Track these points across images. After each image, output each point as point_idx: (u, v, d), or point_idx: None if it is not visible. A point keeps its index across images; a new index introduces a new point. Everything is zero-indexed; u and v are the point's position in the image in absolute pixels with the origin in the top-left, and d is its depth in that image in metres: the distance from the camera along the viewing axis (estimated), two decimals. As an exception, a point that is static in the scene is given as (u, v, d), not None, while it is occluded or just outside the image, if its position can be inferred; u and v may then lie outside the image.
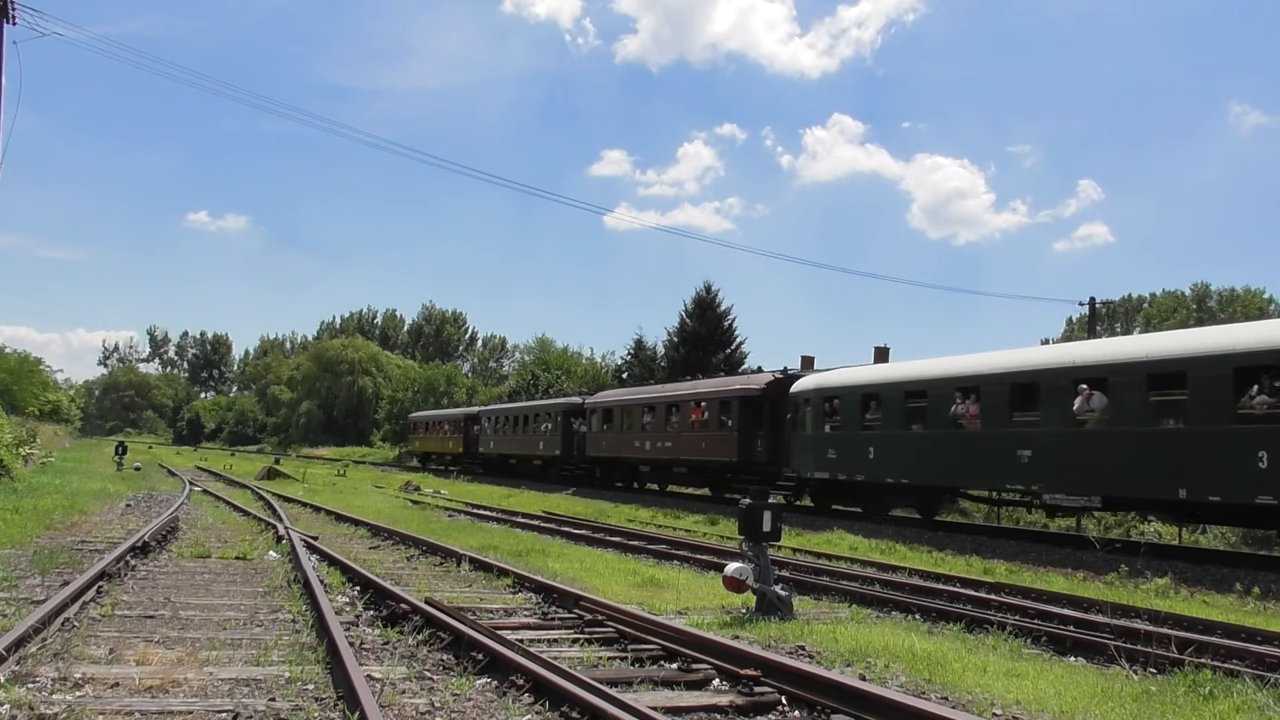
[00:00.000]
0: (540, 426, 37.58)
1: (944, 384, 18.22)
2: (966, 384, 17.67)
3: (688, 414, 27.11)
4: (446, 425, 49.63)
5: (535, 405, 40.23)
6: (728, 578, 9.16)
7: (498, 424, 42.54)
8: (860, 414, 20.08)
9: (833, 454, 20.76)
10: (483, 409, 46.28)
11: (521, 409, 40.98)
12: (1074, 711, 5.97)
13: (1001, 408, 16.68)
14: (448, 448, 48.74)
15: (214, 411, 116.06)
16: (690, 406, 27.10)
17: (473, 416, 46.66)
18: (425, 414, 57.40)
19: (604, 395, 34.50)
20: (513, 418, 40.90)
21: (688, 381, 29.92)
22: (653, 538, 17.46)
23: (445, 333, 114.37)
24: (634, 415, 30.51)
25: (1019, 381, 16.52)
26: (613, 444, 31.89)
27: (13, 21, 19.46)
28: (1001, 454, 16.42)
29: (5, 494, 19.62)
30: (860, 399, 20.18)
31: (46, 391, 56.30)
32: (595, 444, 33.29)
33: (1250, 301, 54.94)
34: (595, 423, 33.30)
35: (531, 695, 5.80)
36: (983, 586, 12.00)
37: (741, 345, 46.15)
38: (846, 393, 20.69)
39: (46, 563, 10.61)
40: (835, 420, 20.94)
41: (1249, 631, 8.95)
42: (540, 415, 38.08)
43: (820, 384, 21.82)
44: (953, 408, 17.73)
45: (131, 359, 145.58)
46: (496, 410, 44.36)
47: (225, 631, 7.54)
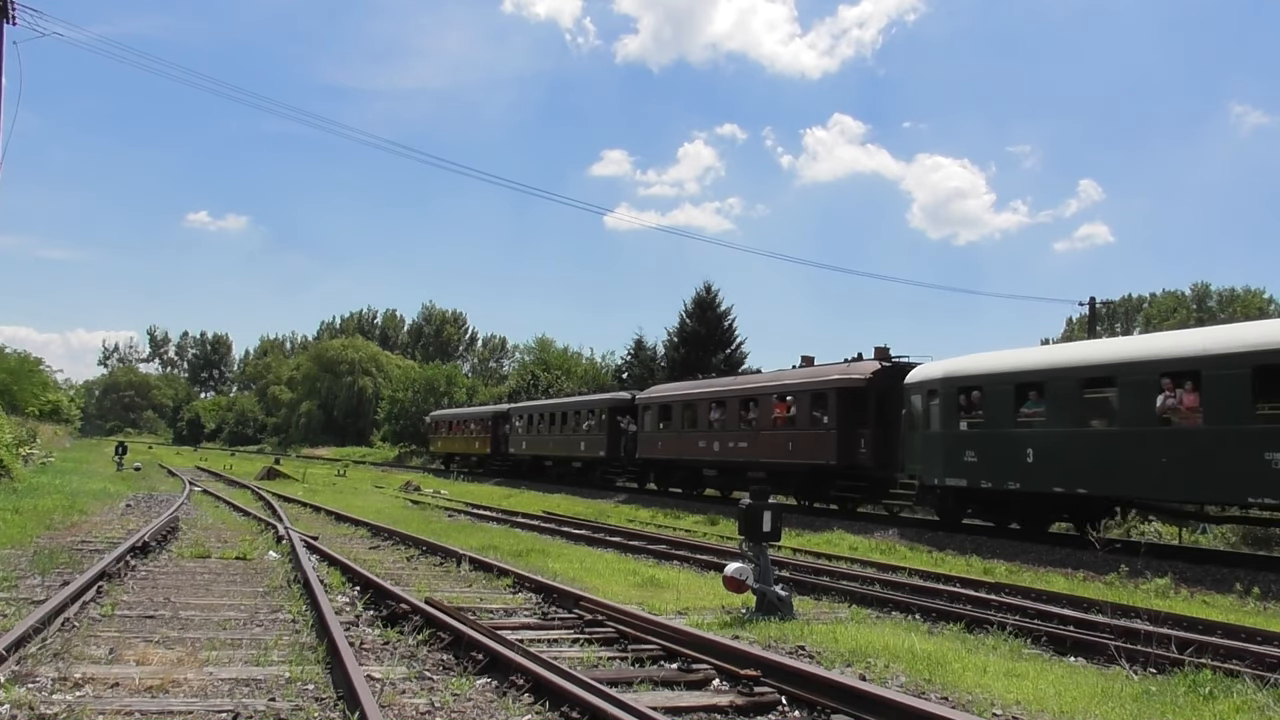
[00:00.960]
0: (581, 425, 33.98)
1: (1142, 369, 14.49)
2: (1179, 368, 14.03)
3: (769, 409, 23.53)
4: (472, 424, 45.96)
5: (576, 401, 36.13)
6: (728, 578, 9.16)
7: (531, 422, 38.81)
8: (1013, 408, 16.61)
9: (972, 456, 17.27)
10: (513, 406, 42.72)
11: (559, 405, 37.15)
12: (1074, 711, 5.97)
13: (1238, 398, 13.08)
14: (473, 449, 45.29)
15: (214, 412, 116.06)
16: (772, 401, 23.44)
17: (502, 415, 42.88)
18: (448, 412, 53.53)
19: (660, 389, 30.34)
20: (548, 415, 37.32)
21: (768, 372, 25.83)
22: (653, 538, 17.46)
23: (445, 333, 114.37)
24: (698, 411, 26.83)
25: (1266, 364, 12.86)
26: (671, 444, 28.19)
27: (13, 21, 19.46)
28: (1240, 458, 12.90)
29: (5, 494, 19.62)
30: (1013, 390, 16.71)
31: (46, 391, 56.28)
32: (648, 444, 29.55)
33: (1250, 301, 54.96)
34: (649, 420, 29.54)
35: (531, 695, 5.80)
36: (983, 586, 12.00)
37: (741, 345, 46.16)
38: (992, 382, 17.17)
39: (46, 563, 10.61)
40: (975, 415, 17.54)
41: (1249, 631, 8.96)
42: (582, 412, 34.34)
43: (952, 371, 18.34)
44: (1159, 399, 14.17)
45: (131, 359, 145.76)
46: (530, 407, 40.41)
47: (225, 631, 7.54)
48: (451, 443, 49.19)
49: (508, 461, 41.79)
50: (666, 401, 28.89)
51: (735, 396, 25.21)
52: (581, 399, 36.01)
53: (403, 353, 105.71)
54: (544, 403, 40.46)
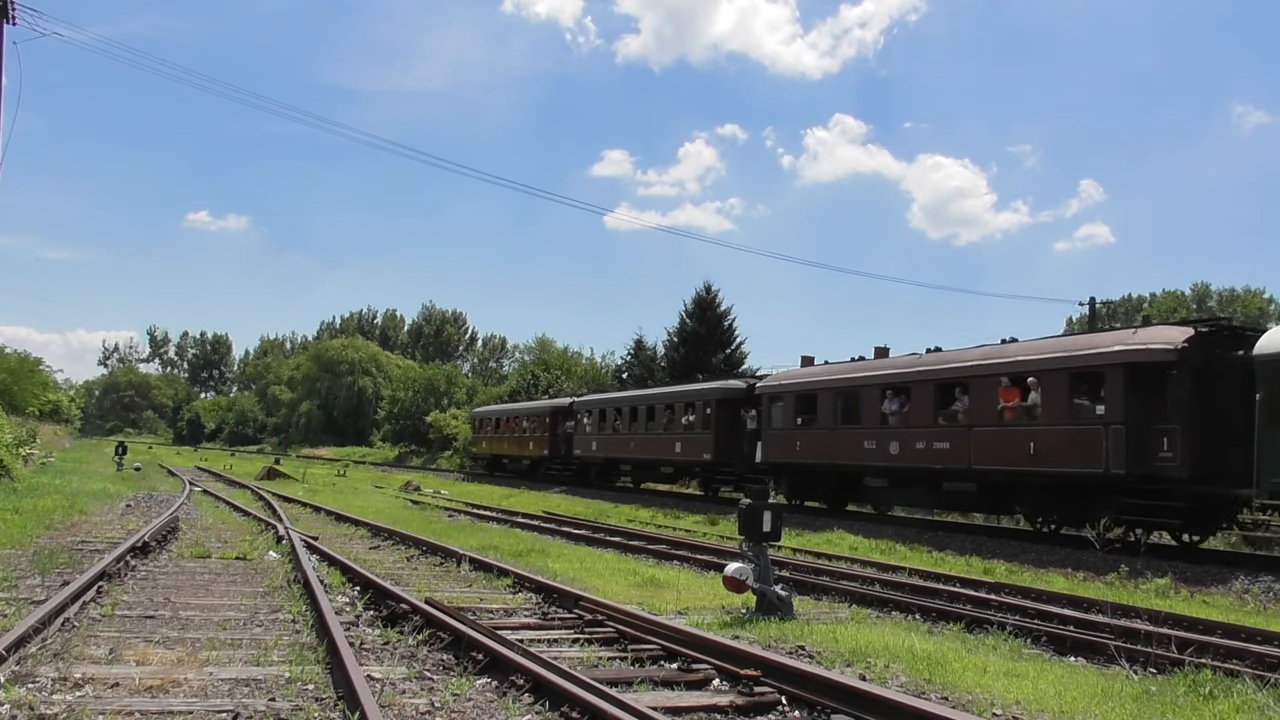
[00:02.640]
0: (678, 420, 27.96)
1: None
2: None
3: (989, 397, 17.30)
4: (525, 422, 40.01)
5: (671, 392, 30.09)
6: (728, 578, 9.16)
7: (604, 418, 32.91)
8: None
9: None
10: (580, 399, 36.63)
11: (647, 397, 31.09)
12: (1074, 711, 5.97)
13: None
14: (526, 450, 39.65)
15: (214, 412, 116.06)
16: (997, 385, 17.14)
17: (562, 410, 37.07)
18: (493, 408, 46.86)
19: (797, 374, 23.76)
20: (629, 410, 31.22)
21: (986, 347, 18.63)
22: (653, 538, 17.46)
23: (445, 333, 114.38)
24: (861, 401, 20.66)
25: None
26: (816, 445, 21.77)
27: (13, 22, 19.45)
28: None
29: (5, 494, 19.62)
30: None
31: (46, 391, 56.26)
32: (780, 444, 22.97)
33: (1250, 301, 54.96)
34: (779, 414, 23.27)
35: (531, 695, 5.80)
36: (983, 586, 12.01)
37: (741, 345, 46.12)
38: None
39: (46, 563, 10.60)
40: None
41: (1249, 631, 8.96)
42: (677, 406, 28.29)
43: None
44: None
45: (131, 359, 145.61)
46: (604, 400, 34.15)
47: (225, 631, 7.54)
48: (498, 443, 43.23)
49: (571, 465, 35.95)
50: (808, 389, 22.40)
51: (929, 380, 18.89)
52: (680, 389, 29.69)
53: (403, 353, 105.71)
54: (623, 394, 34.08)
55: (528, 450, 39.57)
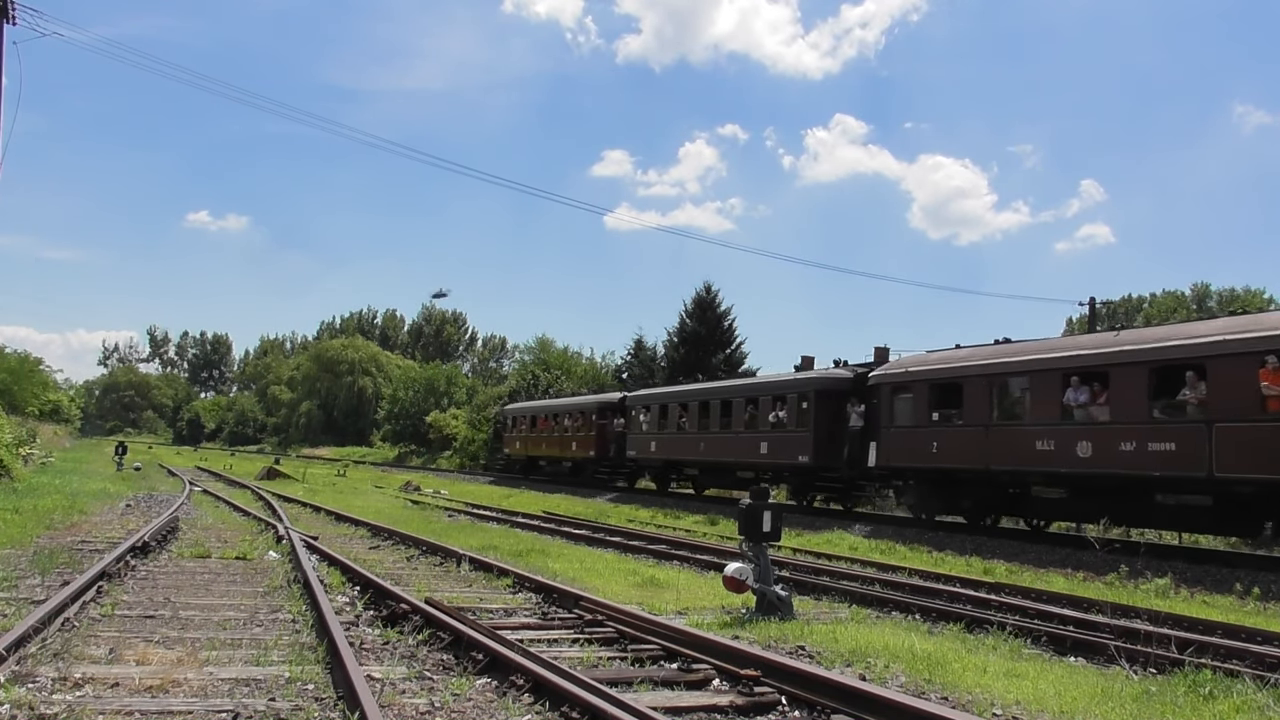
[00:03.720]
0: (768, 416, 23.58)
1: None
2: None
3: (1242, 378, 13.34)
4: (566, 419, 36.06)
5: (753, 384, 25.77)
6: (728, 578, 9.16)
7: (664, 415, 28.96)
8: None
9: None
10: (631, 393, 32.84)
11: (723, 390, 26.81)
12: (1074, 711, 5.97)
13: None
14: (568, 451, 35.60)
15: (214, 411, 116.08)
16: (1258, 365, 13.20)
17: (610, 405, 33.31)
18: (530, 405, 42.60)
19: (931, 359, 19.36)
20: (699, 405, 27.10)
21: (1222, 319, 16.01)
22: (653, 538, 17.46)
23: (445, 333, 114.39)
24: (1029, 391, 16.77)
25: None
26: (960, 445, 17.60)
27: (13, 22, 19.46)
28: None
29: (5, 494, 19.62)
30: None
31: (46, 391, 56.33)
32: (911, 446, 18.70)
33: (1250, 302, 54.96)
34: (904, 407, 19.10)
35: (531, 695, 5.80)
36: (983, 586, 12.01)
37: (741, 345, 46.15)
38: None
39: (46, 563, 10.60)
40: None
41: (1249, 631, 8.96)
42: (763, 400, 24.04)
43: None
44: None
45: (131, 359, 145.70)
46: (665, 395, 30.11)
47: (225, 631, 7.54)
48: (534, 444, 39.19)
49: (623, 468, 32.67)
50: (950, 377, 18.18)
51: (1142, 363, 14.73)
52: (767, 380, 25.50)
53: (403, 353, 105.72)
54: (691, 387, 29.70)
55: (569, 451, 35.56)
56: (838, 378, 22.37)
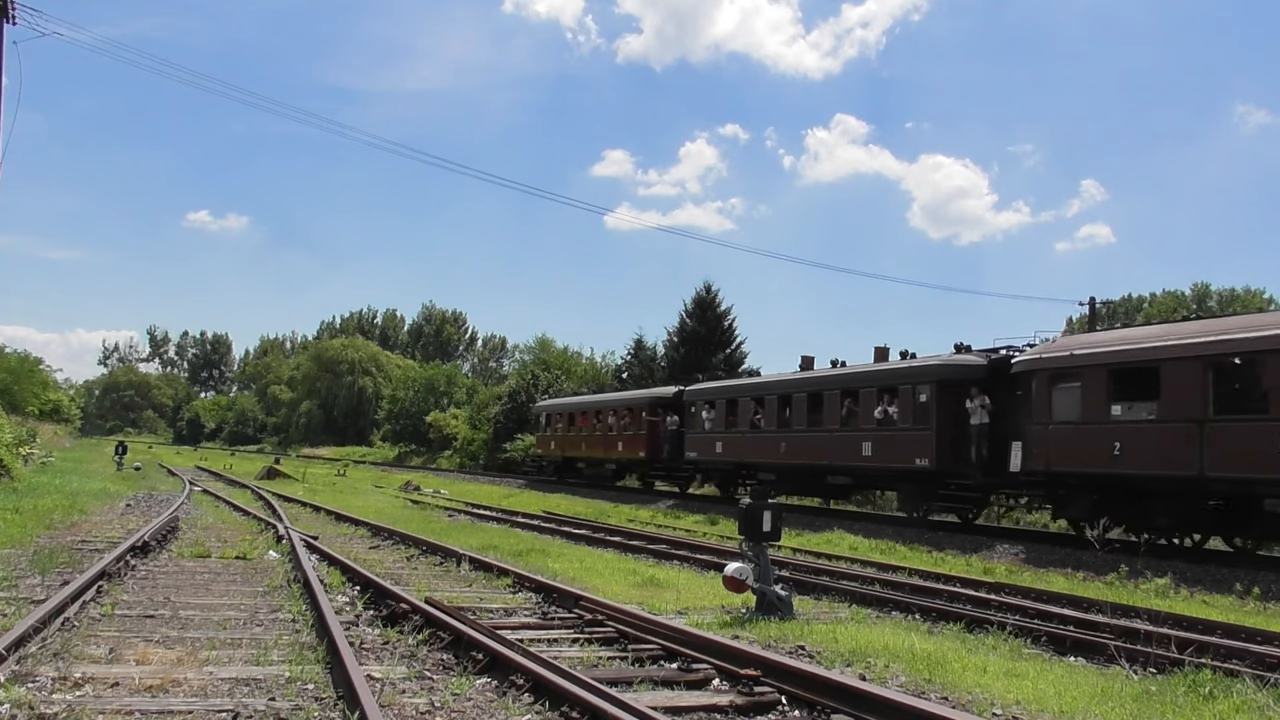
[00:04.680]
0: (874, 411, 20.17)
1: None
2: None
3: None
4: (610, 416, 32.64)
5: (854, 374, 21.89)
6: (728, 578, 9.16)
7: (735, 411, 25.50)
8: None
9: None
10: (690, 387, 29.27)
11: (812, 381, 23.10)
12: (1074, 711, 5.97)
13: None
14: (613, 452, 32.18)
15: (214, 411, 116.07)
16: None
17: (662, 401, 29.87)
18: (568, 400, 39.03)
19: (1104, 340, 16.12)
20: (780, 399, 23.65)
21: None
22: (653, 538, 17.46)
23: (445, 333, 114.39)
24: (1243, 380, 13.79)
25: None
26: (1155, 444, 14.44)
27: (13, 21, 19.46)
28: None
29: (5, 494, 19.61)
30: None
31: (46, 391, 56.28)
32: (1074, 446, 15.61)
33: (1250, 302, 54.97)
34: (1065, 400, 15.83)
35: (531, 695, 5.80)
36: (983, 586, 12.01)
37: (741, 345, 46.13)
38: None
39: (46, 562, 10.61)
40: None
41: (1249, 631, 8.96)
42: (865, 393, 20.66)
43: None
44: None
45: (131, 359, 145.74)
46: (735, 389, 26.28)
47: (225, 631, 7.54)
48: (571, 443, 35.79)
49: (681, 471, 29.51)
50: (1143, 360, 14.69)
51: None
52: (873, 369, 21.58)
53: (403, 353, 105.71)
54: (770, 379, 25.85)
55: (615, 452, 32.12)
56: (967, 365, 18.84)
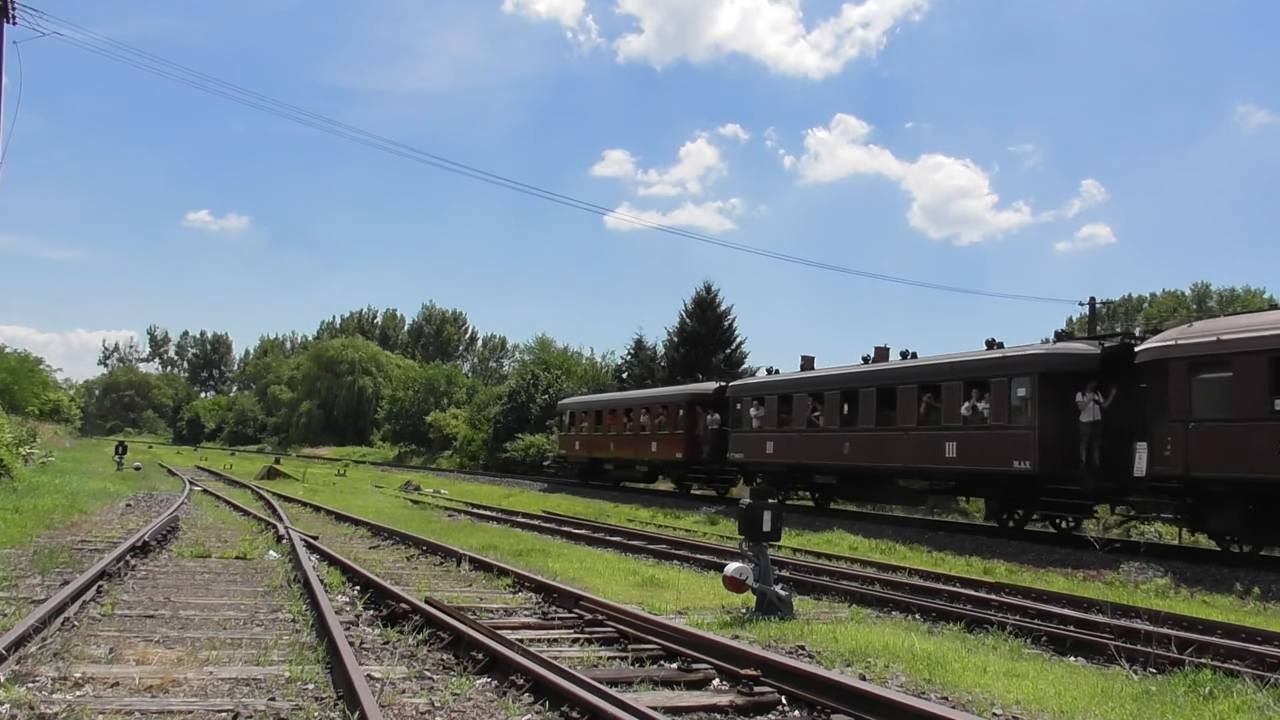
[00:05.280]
0: (960, 407, 18.08)
1: None
2: None
3: None
4: (643, 415, 30.52)
5: (933, 366, 19.62)
6: (728, 578, 9.16)
7: (789, 408, 23.23)
8: None
9: None
10: (734, 383, 27.41)
11: (882, 374, 20.94)
12: (1074, 711, 5.97)
13: None
14: (646, 452, 30.14)
15: (214, 411, 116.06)
16: None
17: (702, 397, 27.91)
18: (595, 398, 36.74)
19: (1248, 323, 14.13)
20: (842, 394, 21.69)
21: None
22: (653, 538, 17.46)
23: (445, 333, 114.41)
24: None
25: None
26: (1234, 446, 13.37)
27: (13, 21, 19.46)
28: None
29: (5, 494, 19.61)
30: None
31: (46, 391, 56.28)
32: (1209, 449, 13.73)
33: (1250, 301, 55.00)
34: (1216, 393, 13.76)
35: (531, 695, 5.80)
36: (983, 586, 12.01)
37: (741, 345, 46.15)
38: None
39: (46, 562, 10.61)
40: None
41: (1249, 631, 8.96)
42: (948, 387, 18.62)
43: None
44: None
45: (131, 359, 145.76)
46: (788, 383, 24.01)
47: (225, 631, 7.54)
48: (598, 444, 33.54)
49: (723, 474, 27.72)
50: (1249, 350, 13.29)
51: None
52: (957, 359, 19.17)
53: (403, 353, 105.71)
54: (827, 372, 23.29)
55: (648, 453, 30.03)
56: (1077, 354, 16.67)
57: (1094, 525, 18.72)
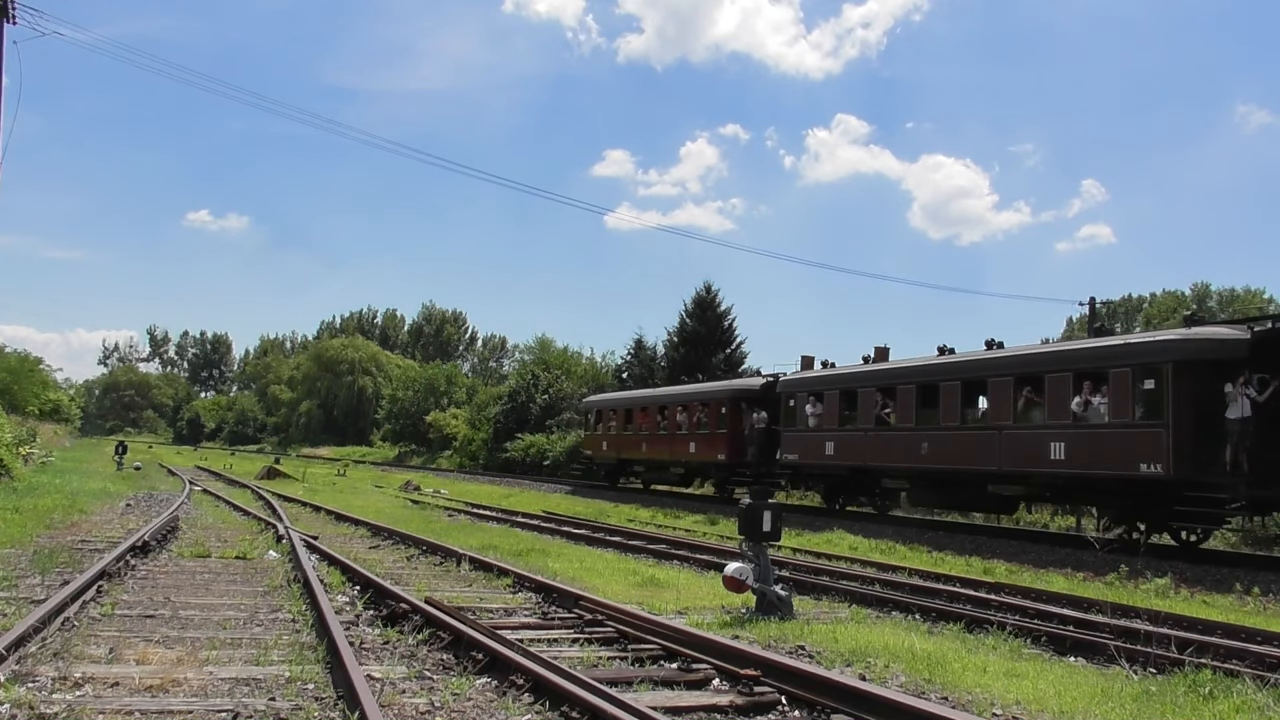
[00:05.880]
0: (1071, 402, 15.78)
1: None
2: None
3: None
4: (679, 413, 28.33)
5: (1035, 354, 17.61)
6: (728, 578, 9.16)
7: (852, 404, 21.15)
8: None
9: None
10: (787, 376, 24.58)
11: (967, 365, 18.53)
12: (1074, 711, 5.97)
13: None
14: (683, 453, 27.95)
15: (214, 411, 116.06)
16: None
17: (747, 394, 25.83)
18: (623, 395, 35.02)
19: None
20: (919, 388, 19.36)
21: None
22: (653, 537, 17.46)
23: (445, 333, 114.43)
24: None
25: None
26: None
27: (13, 21, 19.48)
28: None
29: (5, 493, 19.61)
30: None
31: (46, 391, 56.28)
32: None
33: (1250, 301, 54.98)
34: None
35: (531, 695, 5.80)
36: (983, 586, 12.01)
37: (741, 345, 46.10)
38: None
39: (46, 562, 10.61)
40: None
41: (1249, 631, 8.96)
42: (1055, 379, 16.18)
43: None
44: None
45: (131, 359, 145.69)
46: (855, 376, 21.75)
47: (225, 631, 7.54)
48: (628, 444, 31.17)
49: (771, 477, 24.53)
50: None
51: None
52: (1066, 348, 17.40)
53: (403, 353, 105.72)
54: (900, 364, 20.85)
55: (685, 454, 27.90)
56: (1221, 340, 14.61)
57: (1093, 525, 18.64)
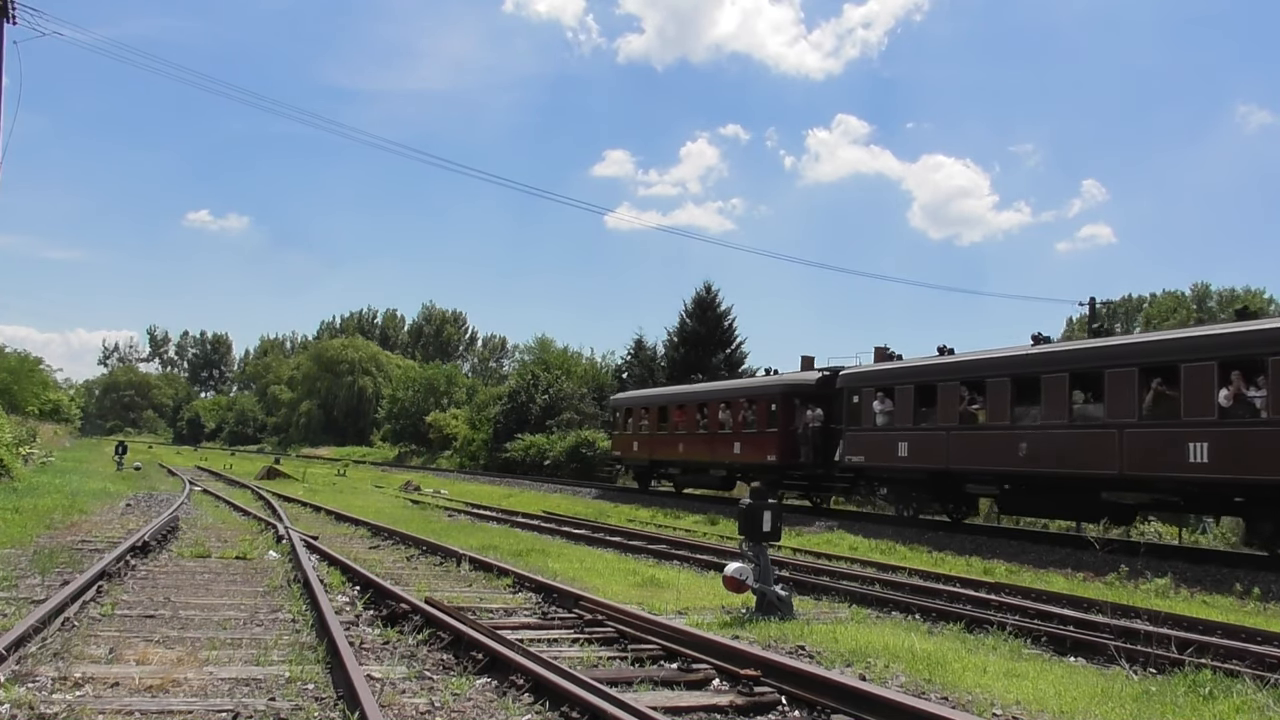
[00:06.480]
0: (1219, 396, 13.50)
1: None
2: None
3: None
4: (722, 411, 25.94)
5: (1159, 340, 15.73)
6: (728, 578, 9.16)
7: (933, 399, 18.77)
8: None
9: None
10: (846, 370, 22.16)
11: (1070, 355, 16.44)
12: (1074, 711, 5.97)
13: None
14: (727, 454, 25.43)
15: (214, 411, 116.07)
16: None
17: (801, 390, 23.52)
18: (656, 392, 32.63)
19: None
20: (1019, 380, 16.91)
21: None
22: (653, 538, 17.46)
23: (445, 333, 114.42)
24: None
25: None
26: None
27: (13, 21, 19.48)
28: None
29: (5, 494, 19.61)
30: None
31: (46, 391, 56.37)
32: None
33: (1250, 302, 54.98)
34: None
35: (531, 695, 5.80)
36: (983, 586, 12.01)
37: (741, 345, 46.13)
38: None
39: (46, 562, 10.61)
40: None
41: (1249, 631, 8.97)
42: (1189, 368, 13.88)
43: None
44: None
45: (131, 359, 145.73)
46: (936, 367, 19.08)
47: (225, 631, 7.54)
48: (663, 445, 28.91)
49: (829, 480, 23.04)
50: None
51: None
52: (1197, 333, 14.96)
53: (403, 353, 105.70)
54: (991, 354, 18.35)
55: (729, 455, 25.38)
56: None
57: (1093, 525, 18.66)
